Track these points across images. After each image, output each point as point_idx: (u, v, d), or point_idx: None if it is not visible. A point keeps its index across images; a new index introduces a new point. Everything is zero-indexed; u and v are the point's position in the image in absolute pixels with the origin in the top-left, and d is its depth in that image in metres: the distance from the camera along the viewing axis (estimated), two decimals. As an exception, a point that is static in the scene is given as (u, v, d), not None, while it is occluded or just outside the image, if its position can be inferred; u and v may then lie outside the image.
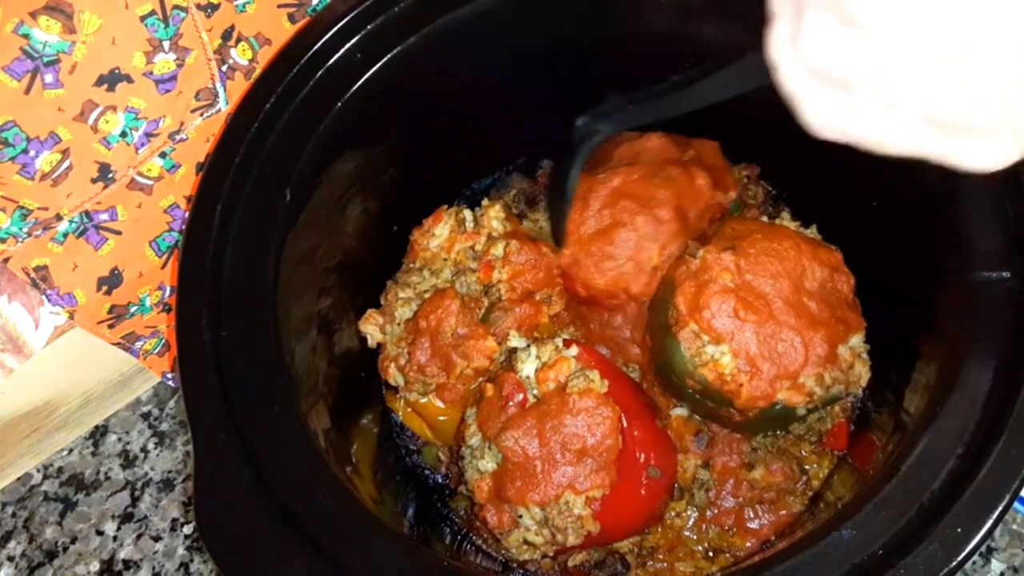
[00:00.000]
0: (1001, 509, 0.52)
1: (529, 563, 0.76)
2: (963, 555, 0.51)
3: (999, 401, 0.56)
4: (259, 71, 0.75)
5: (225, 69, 0.76)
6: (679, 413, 0.80)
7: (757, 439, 0.80)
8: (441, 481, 0.85)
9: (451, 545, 0.81)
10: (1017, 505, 0.81)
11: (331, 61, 0.73)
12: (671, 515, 0.79)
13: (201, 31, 0.72)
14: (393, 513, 0.77)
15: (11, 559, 0.89)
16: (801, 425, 0.79)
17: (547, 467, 0.69)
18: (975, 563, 0.81)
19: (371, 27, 0.73)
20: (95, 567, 0.88)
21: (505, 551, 0.74)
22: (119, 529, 0.90)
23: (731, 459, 0.79)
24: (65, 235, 0.74)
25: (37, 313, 0.77)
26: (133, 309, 0.82)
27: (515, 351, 0.76)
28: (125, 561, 0.89)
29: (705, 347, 0.71)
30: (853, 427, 0.80)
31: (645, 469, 0.71)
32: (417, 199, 0.88)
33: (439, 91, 0.79)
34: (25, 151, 0.67)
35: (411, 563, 0.58)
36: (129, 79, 0.69)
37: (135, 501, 0.91)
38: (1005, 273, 0.60)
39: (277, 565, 0.56)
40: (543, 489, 0.69)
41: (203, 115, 0.77)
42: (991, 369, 0.57)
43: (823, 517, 0.69)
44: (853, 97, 0.39)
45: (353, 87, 0.73)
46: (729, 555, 0.78)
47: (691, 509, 0.79)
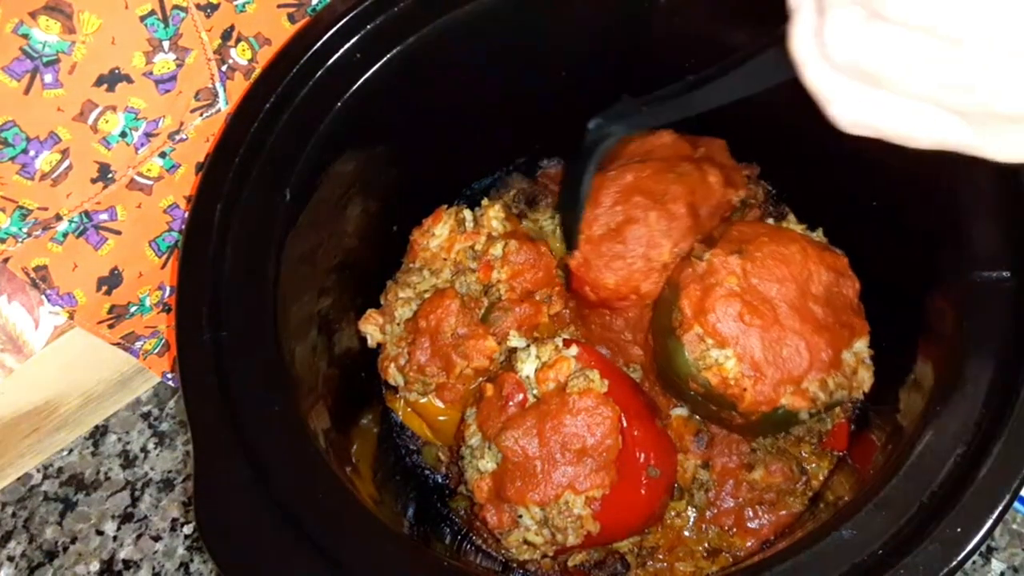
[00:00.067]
0: (1001, 509, 0.52)
1: (529, 563, 0.76)
2: (963, 555, 0.51)
3: (999, 401, 0.56)
4: (259, 71, 0.74)
5: (225, 69, 0.76)
6: (679, 413, 0.80)
7: (757, 440, 0.80)
8: (441, 481, 0.85)
9: (451, 545, 0.81)
10: (1017, 505, 0.81)
11: (331, 61, 0.73)
12: (671, 515, 0.79)
13: (201, 31, 0.72)
14: (393, 513, 0.77)
15: (11, 559, 0.89)
16: (801, 427, 0.78)
17: (547, 467, 0.69)
18: (975, 563, 0.81)
19: (371, 27, 0.73)
20: (95, 567, 0.88)
21: (505, 551, 0.74)
22: (119, 529, 0.90)
23: (730, 460, 0.79)
24: (65, 235, 0.74)
25: (37, 313, 0.77)
26: (133, 309, 0.82)
27: (515, 351, 0.76)
28: (125, 561, 0.89)
29: (709, 351, 0.71)
30: (853, 427, 0.80)
31: (645, 469, 0.71)
32: (417, 199, 0.88)
33: (439, 91, 0.79)
34: (25, 151, 0.67)
35: (411, 563, 0.58)
36: (129, 79, 0.69)
37: (135, 501, 0.91)
38: (1005, 273, 0.60)
39: (277, 565, 0.56)
40: (543, 489, 0.69)
41: (203, 115, 0.77)
42: (991, 369, 0.57)
43: (823, 517, 0.69)
44: (881, 91, 0.38)
45: (353, 87, 0.73)
46: (729, 555, 0.78)
47: (691, 509, 0.79)
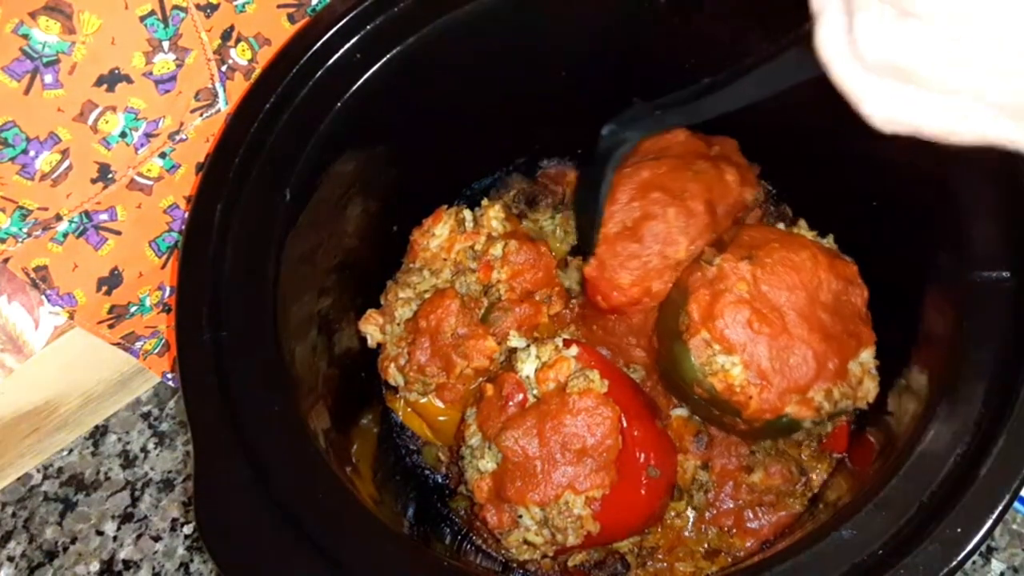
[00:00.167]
0: (1001, 509, 0.52)
1: (529, 563, 0.76)
2: (963, 555, 0.51)
3: (999, 401, 0.56)
4: (259, 71, 0.75)
5: (225, 69, 0.76)
6: (679, 413, 0.80)
7: (756, 442, 0.80)
8: (441, 481, 0.85)
9: (451, 545, 0.81)
10: (1017, 505, 0.81)
11: (331, 61, 0.73)
12: (671, 515, 0.79)
13: (201, 31, 0.72)
14: (393, 513, 0.77)
15: (11, 559, 0.89)
16: (802, 432, 0.78)
17: (547, 467, 0.69)
18: (975, 563, 0.81)
19: (371, 27, 0.73)
20: (95, 567, 0.88)
21: (505, 551, 0.74)
22: (119, 529, 0.90)
23: (729, 461, 0.79)
24: (65, 235, 0.74)
25: (37, 313, 0.77)
26: (133, 309, 0.82)
27: (515, 351, 0.76)
28: (125, 561, 0.89)
29: (716, 356, 0.71)
30: (853, 427, 0.80)
31: (645, 469, 0.71)
32: (417, 199, 0.88)
33: (439, 91, 0.79)
34: (25, 151, 0.67)
35: (411, 563, 0.58)
36: (129, 79, 0.69)
37: (135, 501, 0.91)
38: (1005, 273, 0.60)
39: (277, 565, 0.56)
40: (543, 489, 0.69)
41: (203, 115, 0.77)
42: (991, 369, 0.57)
43: (823, 517, 0.69)
44: (915, 87, 0.38)
45: (353, 87, 0.73)
46: (728, 556, 0.78)
47: (690, 510, 0.79)
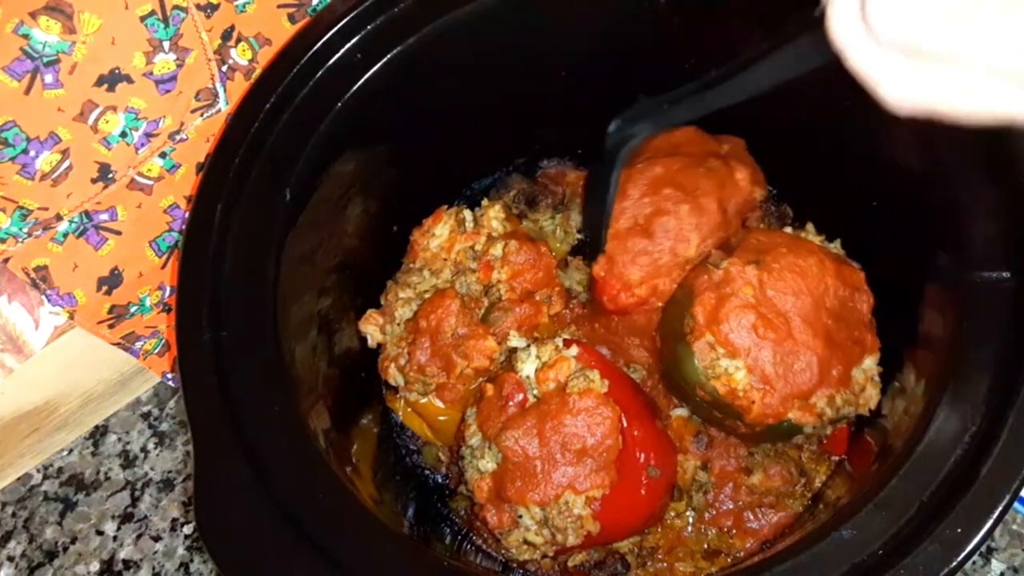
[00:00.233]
0: (1001, 509, 0.52)
1: (529, 563, 0.76)
2: (963, 555, 0.51)
3: (999, 401, 0.56)
4: (259, 71, 0.75)
5: (225, 69, 0.76)
6: (679, 414, 0.80)
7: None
8: (441, 481, 0.85)
9: (451, 545, 0.81)
10: (1017, 505, 0.81)
11: (331, 61, 0.73)
12: (670, 516, 0.79)
13: (201, 31, 0.72)
14: (393, 513, 0.77)
15: (11, 559, 0.89)
16: (802, 436, 0.78)
17: (547, 467, 0.69)
18: (975, 563, 0.81)
19: (371, 27, 0.73)
20: (95, 567, 0.88)
21: (505, 551, 0.74)
22: (119, 529, 0.90)
23: (728, 463, 0.79)
24: (65, 235, 0.74)
25: (37, 313, 0.77)
26: (133, 309, 0.82)
27: (515, 351, 0.76)
28: (125, 561, 0.89)
29: (719, 360, 0.70)
30: (852, 429, 0.80)
31: (645, 469, 0.71)
32: (417, 199, 0.88)
33: (439, 91, 0.79)
34: (25, 151, 0.67)
35: (411, 563, 0.58)
36: (129, 79, 0.69)
37: (135, 501, 0.91)
38: (1005, 273, 0.60)
39: (277, 565, 0.56)
40: (543, 489, 0.69)
41: (203, 115, 0.77)
42: (991, 369, 0.57)
43: (823, 518, 0.69)
44: (932, 64, 0.39)
45: (353, 87, 0.73)
46: (728, 556, 0.78)
47: (690, 511, 0.79)
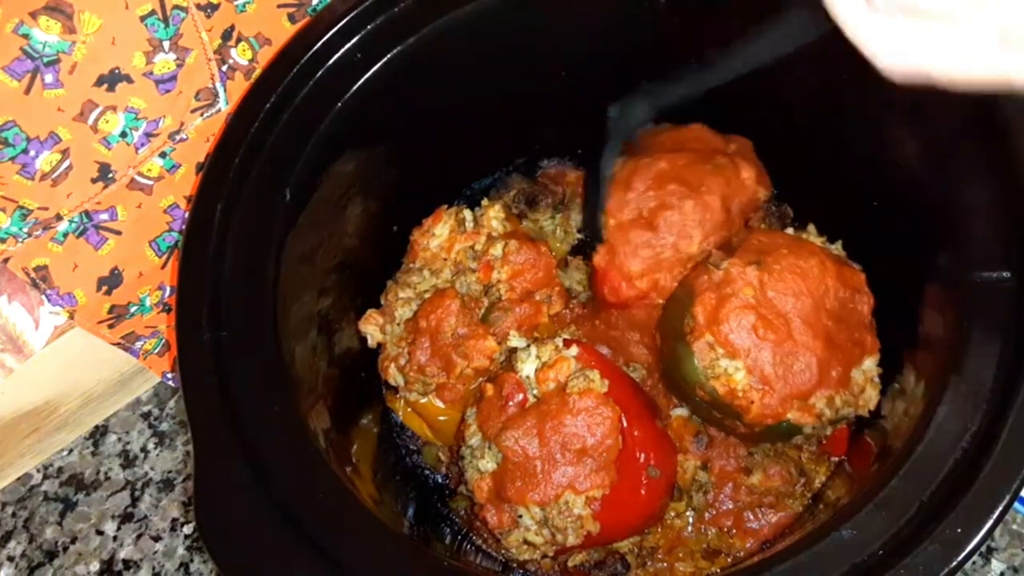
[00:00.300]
0: (1001, 509, 0.52)
1: (529, 563, 0.76)
2: (963, 555, 0.51)
3: (999, 401, 0.56)
4: (259, 71, 0.75)
5: (225, 69, 0.76)
6: (679, 413, 0.80)
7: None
8: (441, 481, 0.85)
9: (451, 545, 0.81)
10: (1017, 505, 0.81)
11: (331, 61, 0.73)
12: (670, 516, 0.79)
13: (201, 31, 0.72)
14: (393, 513, 0.77)
15: (11, 559, 0.89)
16: (801, 436, 0.78)
17: (547, 467, 0.69)
18: (975, 563, 0.81)
19: (371, 27, 0.73)
20: (95, 567, 0.88)
21: (505, 551, 0.74)
22: (119, 529, 0.90)
23: (728, 463, 0.79)
24: (65, 235, 0.74)
25: (37, 313, 0.77)
26: (133, 309, 0.82)
27: (515, 351, 0.76)
28: (125, 561, 0.89)
29: (719, 360, 0.71)
30: (852, 430, 0.80)
31: (645, 469, 0.71)
32: (417, 199, 0.88)
33: (439, 91, 0.79)
34: (25, 151, 0.67)
35: (411, 563, 0.58)
36: (129, 79, 0.69)
37: (135, 501, 0.91)
38: (1005, 273, 0.60)
39: (277, 565, 0.56)
40: (543, 489, 0.69)
41: (203, 115, 0.77)
42: (991, 370, 0.57)
43: (823, 518, 0.69)
44: (928, 24, 0.39)
45: (353, 87, 0.73)
46: (728, 556, 0.78)
47: (690, 511, 0.79)
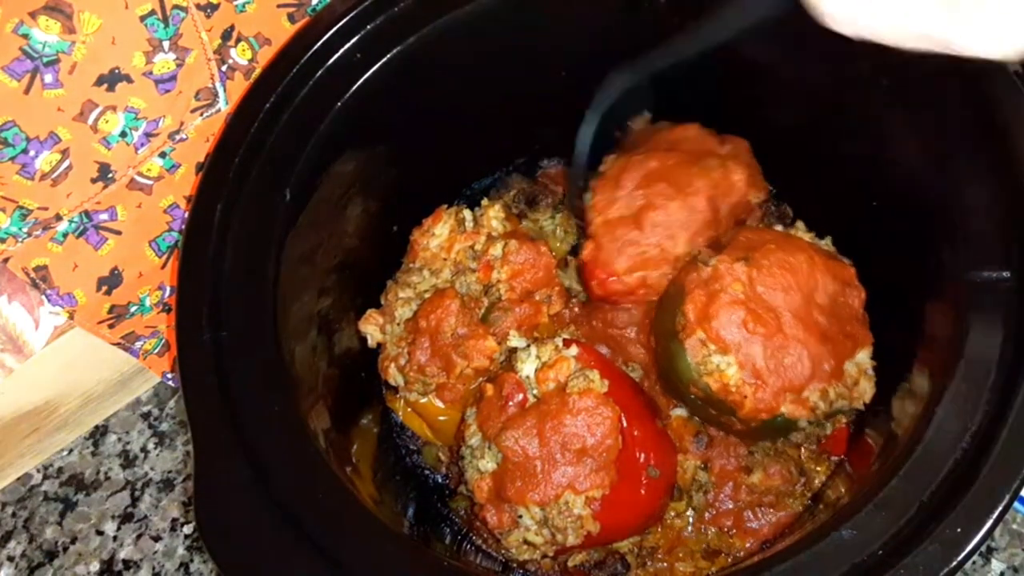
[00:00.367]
0: (1001, 509, 0.52)
1: (529, 563, 0.76)
2: (963, 555, 0.51)
3: (999, 401, 0.56)
4: (259, 71, 0.75)
5: (225, 69, 0.76)
6: (679, 413, 0.80)
7: (755, 443, 0.80)
8: (441, 481, 0.85)
9: (451, 545, 0.81)
10: (1017, 505, 0.81)
11: (331, 61, 0.73)
12: (670, 516, 0.79)
13: (201, 31, 0.72)
14: (393, 513, 0.77)
15: (11, 559, 0.89)
16: (800, 433, 0.78)
17: (547, 467, 0.69)
18: (975, 563, 0.81)
19: (371, 27, 0.73)
20: (95, 567, 0.88)
21: (505, 551, 0.74)
22: (119, 529, 0.90)
23: (728, 462, 0.79)
24: (65, 235, 0.74)
25: (37, 313, 0.77)
26: (133, 309, 0.82)
27: (515, 351, 0.76)
28: (125, 561, 0.89)
29: (711, 356, 0.71)
30: (852, 429, 0.80)
31: (645, 469, 0.71)
32: (417, 199, 0.88)
33: (439, 91, 0.79)
34: (25, 151, 0.67)
35: (411, 563, 0.58)
36: (129, 79, 0.69)
37: (135, 501, 0.91)
38: (1005, 273, 0.60)
39: (277, 565, 0.56)
40: (543, 489, 0.69)
41: (203, 115, 0.77)
42: (991, 369, 0.57)
43: (823, 517, 0.69)
44: None
45: (353, 87, 0.73)
46: (728, 556, 0.78)
47: (690, 511, 0.79)
